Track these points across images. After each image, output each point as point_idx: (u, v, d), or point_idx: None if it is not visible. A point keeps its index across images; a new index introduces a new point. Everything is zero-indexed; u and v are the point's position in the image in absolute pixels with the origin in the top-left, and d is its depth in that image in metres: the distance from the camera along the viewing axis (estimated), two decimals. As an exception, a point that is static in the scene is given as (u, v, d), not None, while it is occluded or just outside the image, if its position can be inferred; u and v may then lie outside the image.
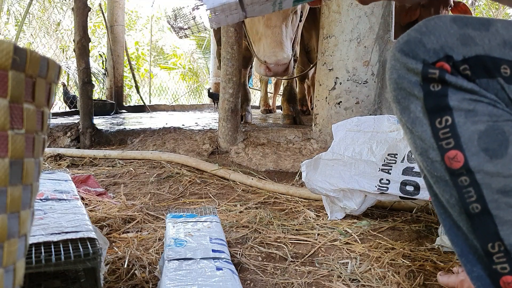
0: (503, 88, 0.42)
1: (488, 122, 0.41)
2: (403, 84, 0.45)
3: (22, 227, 0.38)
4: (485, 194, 0.41)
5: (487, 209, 0.41)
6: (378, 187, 1.08)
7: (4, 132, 0.33)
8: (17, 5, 7.27)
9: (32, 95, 0.36)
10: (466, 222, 0.44)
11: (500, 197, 0.41)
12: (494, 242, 0.42)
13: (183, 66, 10.60)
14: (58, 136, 2.45)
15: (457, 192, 0.43)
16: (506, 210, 0.41)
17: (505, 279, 0.41)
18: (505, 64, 0.42)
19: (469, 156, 0.42)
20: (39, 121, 0.38)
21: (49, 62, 0.37)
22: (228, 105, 2.17)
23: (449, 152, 0.43)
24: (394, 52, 0.46)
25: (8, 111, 0.33)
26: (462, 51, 0.42)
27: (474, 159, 0.41)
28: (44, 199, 0.86)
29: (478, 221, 0.42)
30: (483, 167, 0.41)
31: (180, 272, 0.73)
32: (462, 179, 0.42)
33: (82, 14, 2.41)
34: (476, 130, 0.41)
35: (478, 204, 0.42)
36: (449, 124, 0.43)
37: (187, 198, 1.54)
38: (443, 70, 0.42)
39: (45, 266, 0.59)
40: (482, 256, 0.43)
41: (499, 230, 0.41)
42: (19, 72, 0.33)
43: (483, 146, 0.41)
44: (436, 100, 0.43)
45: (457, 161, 0.42)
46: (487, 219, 0.42)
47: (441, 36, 0.43)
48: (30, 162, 0.37)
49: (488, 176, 0.41)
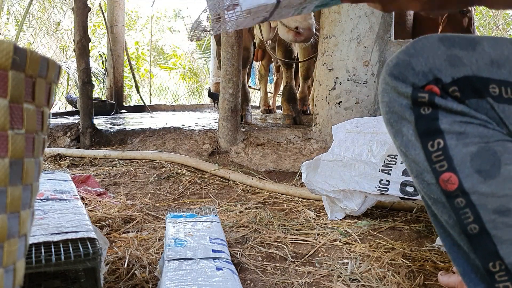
0: (493, 107, 0.42)
1: (479, 144, 0.42)
2: (394, 107, 0.46)
3: (22, 227, 0.38)
4: (482, 214, 0.42)
5: (485, 229, 0.42)
6: (378, 188, 1.09)
7: (4, 132, 0.33)
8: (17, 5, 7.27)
9: (32, 95, 0.36)
10: (466, 242, 0.44)
11: (497, 217, 0.41)
12: (494, 261, 0.42)
13: (183, 66, 10.60)
14: (58, 136, 2.45)
15: (455, 213, 0.44)
16: (504, 230, 0.41)
17: None
18: (494, 84, 0.42)
19: (463, 178, 0.42)
20: (39, 121, 0.38)
21: (49, 62, 0.37)
22: (228, 105, 2.17)
23: (443, 174, 0.43)
24: (385, 76, 0.47)
25: (8, 111, 0.33)
26: (451, 72, 0.43)
27: (468, 181, 0.42)
28: (44, 199, 0.86)
29: (477, 241, 0.43)
30: (477, 188, 0.42)
31: (180, 272, 0.73)
32: (458, 200, 0.43)
33: (82, 14, 2.41)
34: (468, 152, 0.42)
35: (476, 224, 0.42)
36: (441, 147, 0.43)
37: (187, 198, 1.54)
38: (432, 94, 0.43)
39: (45, 266, 0.59)
40: (484, 275, 0.43)
41: (498, 250, 0.42)
42: (19, 72, 0.33)
43: (476, 167, 0.42)
44: (427, 124, 0.44)
45: (452, 183, 0.43)
46: (486, 239, 0.42)
47: (429, 58, 0.44)
48: (30, 162, 0.37)
49: (483, 196, 0.42)
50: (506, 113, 0.42)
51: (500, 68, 0.43)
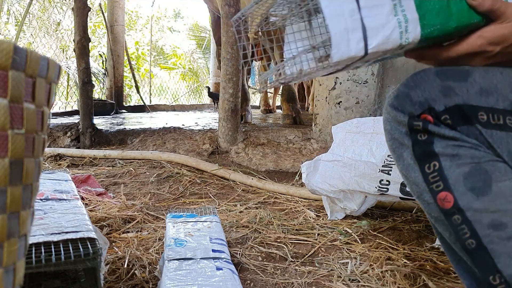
0: (481, 133, 0.46)
1: (471, 164, 0.45)
2: (395, 135, 0.50)
3: (22, 227, 0.38)
4: (478, 229, 0.45)
5: (482, 244, 0.45)
6: (379, 188, 1.08)
7: (4, 132, 0.33)
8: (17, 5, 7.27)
9: (32, 95, 0.36)
10: (467, 257, 0.47)
11: (492, 231, 0.44)
12: (494, 275, 0.44)
13: (183, 66, 10.60)
14: (58, 136, 2.45)
15: (453, 230, 0.47)
16: (499, 243, 0.44)
17: None
18: (482, 111, 0.46)
19: (458, 196, 0.46)
20: (39, 121, 0.38)
21: (49, 62, 0.37)
22: (228, 105, 2.17)
23: (440, 194, 0.47)
24: (387, 106, 0.51)
25: (8, 111, 0.33)
26: (444, 102, 0.47)
27: (463, 199, 0.45)
28: (44, 199, 0.86)
29: (476, 255, 0.45)
30: (471, 205, 0.45)
31: (180, 272, 0.73)
32: (455, 217, 0.46)
33: (82, 14, 2.41)
34: (461, 172, 0.46)
35: (473, 239, 0.45)
36: (437, 168, 0.47)
37: (187, 198, 1.54)
38: (426, 121, 0.47)
39: (45, 266, 0.59)
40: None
41: (496, 263, 0.44)
42: (19, 72, 0.33)
43: (469, 186, 0.45)
44: (423, 148, 0.48)
45: (448, 201, 0.46)
46: (484, 253, 0.45)
47: (425, 90, 0.48)
48: (30, 162, 0.37)
49: (477, 212, 0.45)
50: (494, 138, 0.45)
51: (488, 96, 0.46)
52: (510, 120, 0.45)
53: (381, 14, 0.45)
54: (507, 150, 0.45)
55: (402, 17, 0.46)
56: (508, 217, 0.44)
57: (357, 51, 0.46)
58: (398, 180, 1.08)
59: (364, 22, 0.45)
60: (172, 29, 11.69)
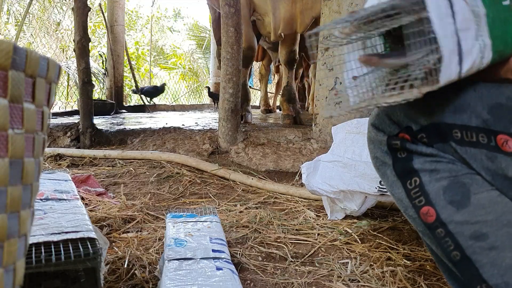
0: (456, 150, 0.47)
1: (449, 178, 0.47)
2: (377, 153, 0.52)
3: (22, 227, 0.38)
4: (461, 241, 0.46)
5: (466, 255, 0.46)
6: (379, 188, 1.08)
7: (4, 132, 0.33)
8: (17, 5, 7.26)
9: (32, 95, 0.36)
10: (455, 269, 0.48)
11: (474, 242, 0.45)
12: (481, 284, 0.45)
13: (183, 66, 10.60)
14: (58, 136, 2.45)
15: (438, 243, 0.48)
16: (482, 253, 0.45)
17: None
18: (456, 128, 0.46)
19: (439, 209, 0.47)
20: (39, 121, 0.38)
21: (49, 62, 0.37)
22: (228, 105, 2.17)
23: (423, 208, 0.48)
24: (369, 125, 0.53)
25: (7, 111, 0.32)
26: (419, 121, 0.48)
27: (444, 212, 0.46)
28: (44, 199, 0.86)
29: (461, 267, 0.46)
30: (453, 218, 0.46)
31: (180, 272, 0.73)
32: (438, 231, 0.47)
33: (82, 14, 2.41)
34: (441, 186, 0.47)
35: (457, 251, 0.46)
36: (418, 184, 0.48)
37: (187, 198, 1.54)
38: (403, 140, 0.49)
39: (45, 266, 0.59)
40: None
41: (481, 273, 0.45)
42: (19, 72, 0.33)
43: (448, 199, 0.46)
44: (403, 165, 0.49)
45: (431, 215, 0.47)
46: (468, 264, 0.46)
47: (403, 109, 0.49)
48: (30, 162, 0.37)
49: (458, 225, 0.46)
50: (468, 155, 0.46)
51: (462, 113, 0.46)
52: (483, 137, 0.45)
53: (470, 38, 0.44)
54: (481, 166, 0.46)
55: (481, 42, 0.45)
56: (488, 227, 0.45)
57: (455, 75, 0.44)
58: (398, 180, 1.08)
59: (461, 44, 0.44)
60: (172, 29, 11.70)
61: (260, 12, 3.15)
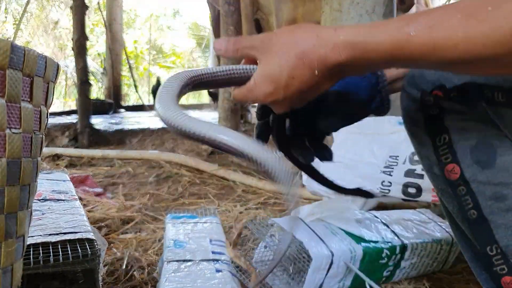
0: (486, 110, 0.47)
1: (478, 137, 0.48)
2: (410, 111, 0.52)
3: (20, 228, 0.37)
4: (480, 201, 0.47)
5: (482, 215, 0.47)
6: (380, 189, 1.08)
7: (1, 132, 0.32)
8: (15, 3, 7.25)
9: (29, 94, 0.35)
10: (468, 229, 0.49)
11: (493, 203, 0.46)
12: (492, 245, 0.46)
13: (182, 65, 10.60)
14: (56, 136, 2.44)
15: (457, 201, 0.49)
16: (499, 215, 0.46)
17: (505, 280, 0.46)
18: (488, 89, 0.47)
19: (464, 168, 0.48)
20: (36, 121, 0.37)
21: (47, 61, 0.37)
22: (228, 104, 2.17)
23: (448, 165, 0.49)
24: (404, 84, 0.53)
25: (5, 110, 0.32)
26: (453, 80, 0.48)
27: (469, 171, 0.47)
28: (42, 200, 0.85)
29: (476, 226, 0.47)
30: (476, 177, 0.47)
31: (179, 273, 0.72)
32: (460, 188, 0.48)
33: (80, 12, 2.40)
34: (469, 145, 0.48)
35: (475, 210, 0.47)
36: (447, 141, 0.49)
37: (186, 198, 1.53)
38: (436, 97, 0.49)
39: (43, 267, 0.58)
40: (484, 260, 0.48)
41: (494, 234, 0.46)
42: (17, 71, 0.33)
43: (475, 158, 0.47)
44: (434, 122, 0.50)
45: (455, 173, 0.48)
46: (484, 224, 0.47)
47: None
48: (27, 162, 0.36)
49: (481, 184, 0.47)
50: (498, 115, 0.47)
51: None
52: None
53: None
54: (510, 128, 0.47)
55: None
56: (509, 189, 0.46)
57: None
58: (399, 181, 1.08)
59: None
60: (171, 28, 11.69)
61: (265, 11, 3.16)
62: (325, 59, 0.40)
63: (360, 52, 0.39)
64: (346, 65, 0.40)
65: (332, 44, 0.39)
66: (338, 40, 0.39)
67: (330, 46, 0.39)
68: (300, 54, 0.40)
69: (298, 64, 0.41)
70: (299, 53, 0.40)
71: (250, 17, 3.09)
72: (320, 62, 0.40)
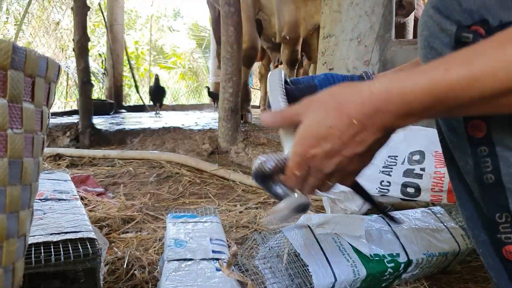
0: None
1: None
2: (434, 43, 0.43)
3: (21, 227, 0.38)
4: (501, 166, 0.41)
5: (501, 181, 0.42)
6: (379, 189, 1.08)
7: (3, 131, 0.32)
8: (16, 4, 7.26)
9: (31, 95, 0.35)
10: (478, 190, 0.44)
11: None
12: (502, 213, 0.42)
13: (182, 65, 10.60)
14: (57, 136, 2.45)
15: (474, 161, 0.43)
16: None
17: (508, 248, 0.43)
18: None
19: (493, 127, 0.41)
20: (38, 121, 0.38)
21: (49, 62, 0.37)
22: (228, 105, 2.17)
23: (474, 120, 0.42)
24: (428, 8, 0.43)
25: (6, 110, 0.32)
26: (500, 15, 0.39)
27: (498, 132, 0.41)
28: (44, 199, 0.85)
29: (490, 191, 0.43)
30: (504, 140, 0.41)
31: (180, 272, 0.73)
32: (482, 148, 0.42)
33: (81, 13, 2.40)
34: None
35: (493, 175, 0.42)
36: None
37: (186, 198, 1.54)
38: (477, 35, 0.40)
39: (45, 267, 0.59)
40: (489, 224, 0.44)
41: (509, 203, 0.41)
42: (18, 71, 0.33)
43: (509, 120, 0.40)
44: None
45: (480, 130, 0.42)
46: (499, 191, 0.42)
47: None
48: (29, 162, 0.37)
49: (507, 150, 0.41)
50: None
51: None
52: None
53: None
54: None
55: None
56: None
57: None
58: (398, 181, 1.08)
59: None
60: (172, 29, 11.69)
61: (266, 12, 3.17)
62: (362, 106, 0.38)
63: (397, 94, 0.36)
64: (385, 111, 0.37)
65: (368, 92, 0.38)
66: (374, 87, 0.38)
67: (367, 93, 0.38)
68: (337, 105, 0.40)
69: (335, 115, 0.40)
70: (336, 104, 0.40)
71: (252, 18, 3.09)
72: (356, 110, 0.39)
